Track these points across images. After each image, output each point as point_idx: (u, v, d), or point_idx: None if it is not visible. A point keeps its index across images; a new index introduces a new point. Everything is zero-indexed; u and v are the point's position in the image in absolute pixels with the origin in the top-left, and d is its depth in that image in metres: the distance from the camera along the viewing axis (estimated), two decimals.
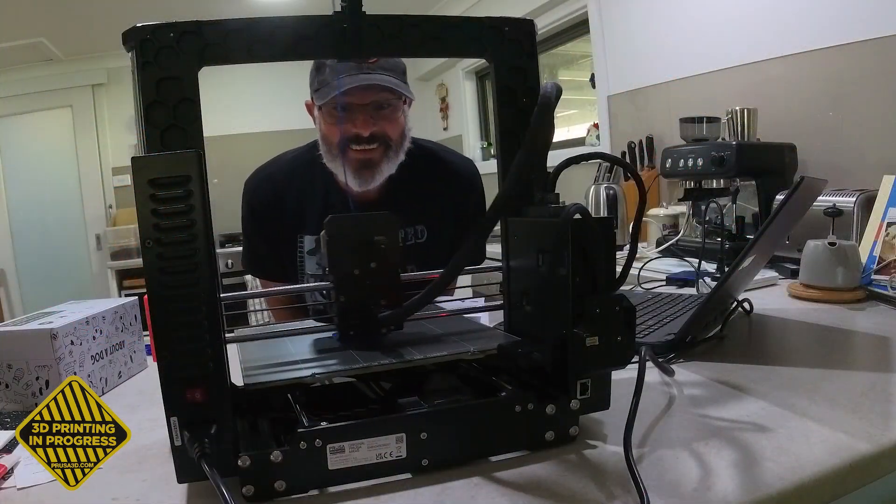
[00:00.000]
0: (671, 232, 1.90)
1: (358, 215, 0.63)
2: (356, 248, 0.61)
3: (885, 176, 1.24)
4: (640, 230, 0.62)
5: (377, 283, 0.62)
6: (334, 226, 0.61)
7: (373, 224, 0.62)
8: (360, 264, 0.62)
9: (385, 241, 0.62)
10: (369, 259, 0.62)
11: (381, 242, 0.62)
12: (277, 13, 0.57)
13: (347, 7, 0.57)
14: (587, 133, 3.03)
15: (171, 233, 0.46)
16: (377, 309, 0.62)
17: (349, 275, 0.61)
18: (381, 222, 0.63)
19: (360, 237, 0.61)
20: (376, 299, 0.62)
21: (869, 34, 1.59)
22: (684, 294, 1.17)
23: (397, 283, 0.63)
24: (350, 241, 0.61)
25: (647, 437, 0.57)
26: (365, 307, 0.62)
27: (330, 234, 0.61)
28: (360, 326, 0.62)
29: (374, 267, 0.62)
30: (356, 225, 0.62)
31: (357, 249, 0.61)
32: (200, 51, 0.54)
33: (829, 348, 0.86)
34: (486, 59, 0.63)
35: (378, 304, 0.62)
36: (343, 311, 0.62)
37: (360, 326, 0.62)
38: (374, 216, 0.63)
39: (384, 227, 0.62)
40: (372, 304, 0.62)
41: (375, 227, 0.62)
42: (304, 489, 0.50)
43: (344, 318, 0.62)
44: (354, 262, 0.61)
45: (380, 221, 0.63)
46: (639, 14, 2.46)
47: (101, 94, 4.18)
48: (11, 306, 4.20)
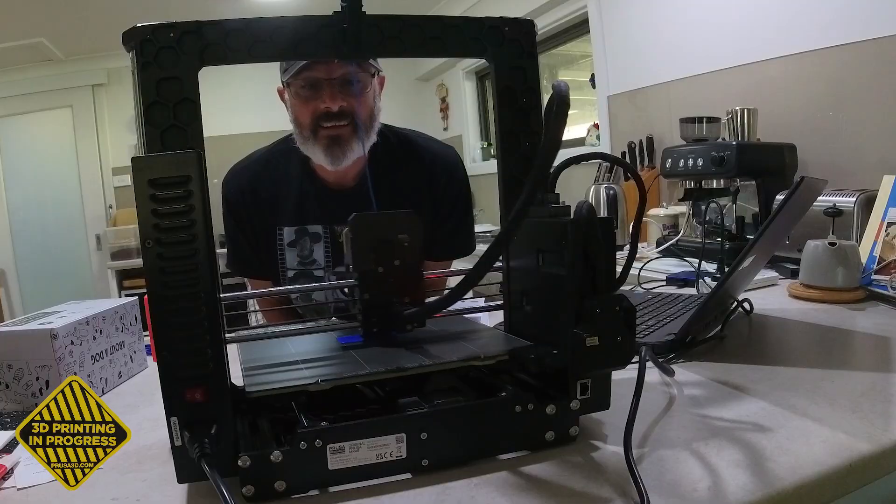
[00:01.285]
0: (671, 232, 1.90)
1: (382, 214, 0.64)
2: (380, 245, 0.62)
3: (885, 176, 1.24)
4: (640, 230, 0.62)
5: (400, 280, 0.63)
6: (358, 223, 0.62)
7: (396, 222, 0.63)
8: (384, 262, 0.62)
9: (408, 239, 0.63)
10: (393, 256, 0.62)
11: (405, 240, 0.63)
12: (277, 13, 0.57)
13: (347, 7, 0.57)
14: (587, 133, 3.03)
15: (171, 233, 0.46)
16: (401, 306, 0.63)
17: (373, 272, 0.62)
18: (404, 221, 0.63)
19: (384, 235, 0.62)
20: (400, 297, 0.63)
21: (869, 34, 1.59)
22: (684, 294, 1.17)
23: (420, 282, 0.64)
24: (374, 239, 0.62)
25: (647, 438, 0.57)
26: (389, 304, 0.63)
27: (354, 231, 0.61)
28: (384, 324, 0.63)
29: (397, 265, 0.62)
30: (380, 223, 0.63)
31: (381, 247, 0.62)
32: (200, 51, 0.54)
33: (829, 348, 0.86)
34: (486, 59, 0.63)
35: (401, 301, 0.63)
36: (367, 308, 0.62)
37: (384, 324, 0.63)
38: (397, 214, 0.63)
39: (408, 225, 0.63)
40: (395, 301, 0.63)
41: (399, 225, 0.63)
42: (305, 489, 0.50)
43: (368, 316, 0.63)
44: (378, 260, 0.62)
45: (403, 220, 0.63)
46: (639, 14, 2.46)
47: (101, 95, 4.18)
48: (11, 306, 4.20)
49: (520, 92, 0.63)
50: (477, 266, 0.53)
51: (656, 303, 1.07)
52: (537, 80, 0.64)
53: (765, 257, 1.02)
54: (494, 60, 0.62)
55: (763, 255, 0.95)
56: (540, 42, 2.08)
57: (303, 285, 1.19)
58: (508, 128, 0.64)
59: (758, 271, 1.09)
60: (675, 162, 1.62)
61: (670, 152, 1.65)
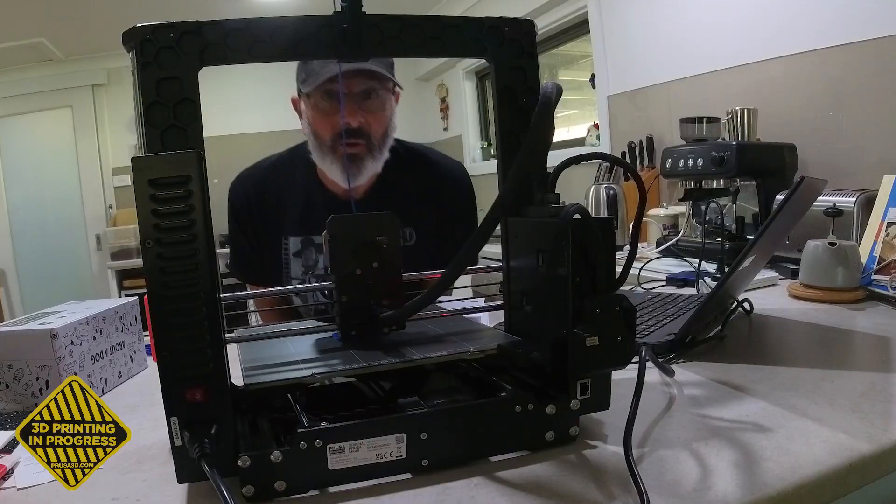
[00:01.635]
0: (671, 232, 1.90)
1: (360, 215, 0.64)
2: (358, 248, 0.62)
3: (885, 176, 1.24)
4: (640, 230, 0.62)
5: (379, 283, 0.62)
6: (336, 225, 0.61)
7: (375, 224, 0.62)
8: (362, 264, 0.62)
9: (387, 241, 0.62)
10: (371, 259, 0.62)
11: (383, 243, 0.62)
12: (277, 13, 0.57)
13: (347, 7, 0.57)
14: (587, 133, 3.03)
15: (171, 233, 0.46)
16: (379, 309, 0.62)
17: (351, 275, 0.61)
18: (383, 222, 0.63)
19: (362, 237, 0.62)
20: (378, 299, 0.63)
21: (869, 34, 1.59)
22: (684, 294, 1.17)
23: (399, 284, 0.64)
24: (352, 241, 0.61)
25: (647, 438, 0.57)
26: (367, 307, 0.62)
27: (332, 233, 0.61)
28: (362, 326, 0.62)
29: (375, 267, 0.62)
30: (358, 225, 0.62)
31: (359, 249, 0.62)
32: (200, 51, 0.54)
33: (829, 348, 0.86)
34: (486, 60, 0.63)
35: (380, 304, 0.63)
36: (345, 310, 0.62)
37: (362, 326, 0.62)
38: (376, 216, 0.63)
39: (386, 227, 0.63)
40: (374, 304, 0.62)
41: (377, 227, 0.62)
42: (305, 489, 0.50)
43: (346, 318, 0.62)
44: (356, 262, 0.62)
45: (382, 221, 0.63)
46: (639, 14, 2.46)
47: (101, 95, 4.18)
48: (11, 306, 4.21)
49: (520, 92, 0.63)
50: (450, 267, 0.53)
51: (656, 303, 1.07)
52: (537, 80, 0.64)
53: (765, 257, 1.02)
54: (494, 60, 0.62)
55: (763, 255, 0.95)
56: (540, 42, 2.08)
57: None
58: (508, 128, 0.64)
59: (758, 271, 1.09)
60: (675, 162, 1.62)
61: (670, 152, 1.65)
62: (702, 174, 1.55)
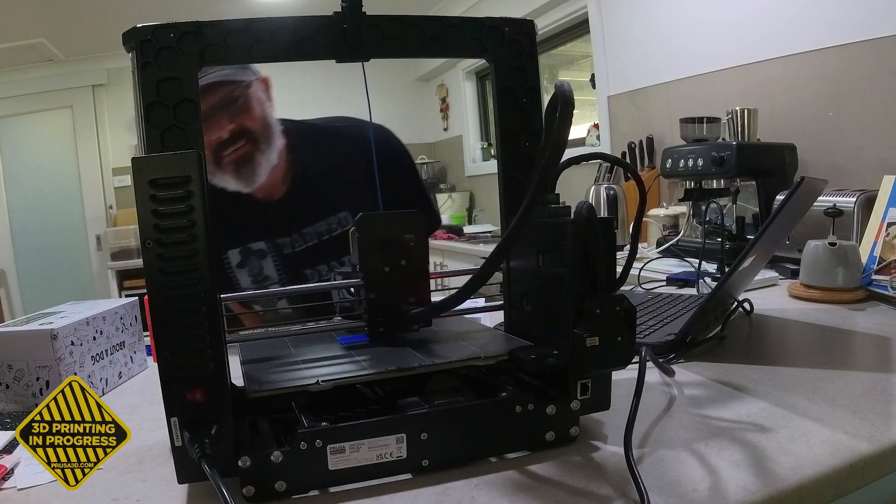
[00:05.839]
0: (671, 232, 1.90)
1: (388, 214, 0.64)
2: (386, 245, 0.62)
3: (885, 176, 1.24)
4: (640, 230, 0.62)
5: (407, 280, 0.63)
6: (364, 224, 0.62)
7: (402, 222, 0.63)
8: (390, 262, 0.62)
9: (414, 238, 0.63)
10: (399, 257, 0.63)
11: (411, 240, 0.63)
12: (277, 13, 0.57)
13: (347, 7, 0.57)
14: (587, 133, 3.04)
15: (171, 233, 0.46)
16: (406, 306, 0.63)
17: (379, 272, 0.62)
18: (410, 220, 0.64)
19: (390, 235, 0.62)
20: (406, 296, 0.63)
21: (869, 34, 1.59)
22: (684, 294, 1.17)
23: (426, 281, 0.64)
24: (380, 239, 0.62)
25: (647, 438, 0.57)
26: (395, 304, 0.63)
27: (360, 231, 0.62)
28: (390, 323, 0.63)
29: (403, 264, 0.63)
30: (386, 223, 0.63)
31: (387, 247, 0.62)
32: (200, 51, 0.54)
33: (829, 348, 0.86)
34: (487, 60, 0.63)
35: (407, 301, 0.63)
36: (373, 308, 0.62)
37: (390, 323, 0.63)
38: (403, 214, 0.64)
39: (413, 224, 0.64)
40: (401, 301, 0.63)
41: (405, 225, 0.63)
42: (305, 490, 0.50)
43: (373, 315, 0.63)
44: (384, 260, 0.62)
45: (409, 219, 0.64)
46: (639, 14, 2.46)
47: (102, 95, 4.18)
48: (11, 306, 4.21)
49: (520, 92, 0.63)
50: (483, 267, 0.53)
51: (656, 303, 1.07)
52: (537, 80, 0.64)
53: (765, 257, 1.02)
54: (494, 60, 0.62)
55: (763, 256, 0.95)
56: (540, 42, 2.08)
57: (306, 285, 1.18)
58: (508, 128, 0.64)
59: (758, 271, 1.09)
60: (675, 162, 1.62)
61: (670, 152, 1.65)
62: (702, 174, 1.55)
